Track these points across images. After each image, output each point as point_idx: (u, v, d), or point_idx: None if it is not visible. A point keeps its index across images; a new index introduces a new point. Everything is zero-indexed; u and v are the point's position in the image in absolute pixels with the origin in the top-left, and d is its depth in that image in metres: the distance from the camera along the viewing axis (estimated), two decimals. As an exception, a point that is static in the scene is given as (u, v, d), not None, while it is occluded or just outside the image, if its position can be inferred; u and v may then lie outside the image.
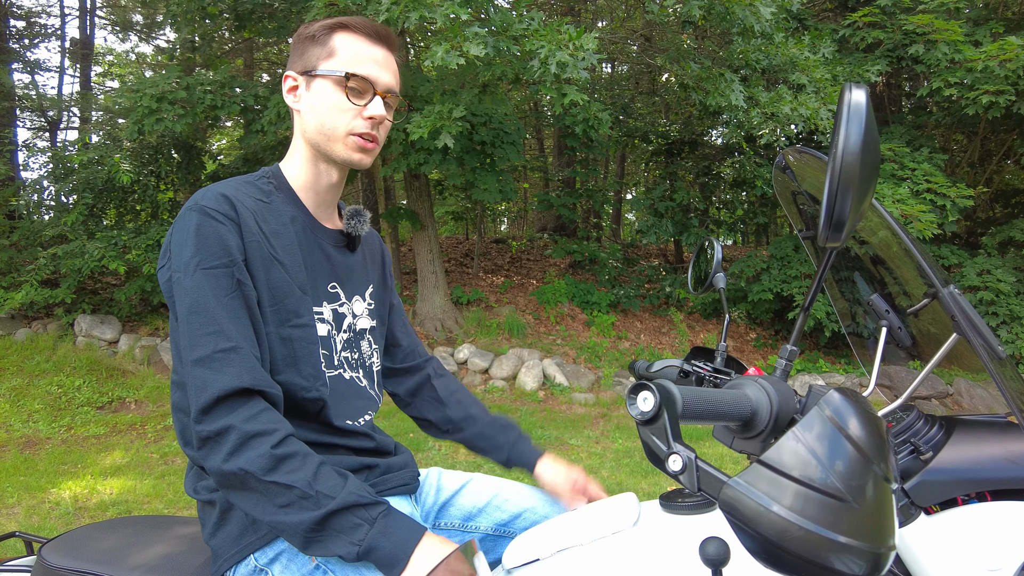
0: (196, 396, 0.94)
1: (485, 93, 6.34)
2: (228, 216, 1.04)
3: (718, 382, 1.11)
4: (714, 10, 5.89)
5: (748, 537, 0.61)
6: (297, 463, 0.93)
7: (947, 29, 6.93)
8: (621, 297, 8.88)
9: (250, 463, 0.91)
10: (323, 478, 0.94)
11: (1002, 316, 7.39)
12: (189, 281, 1.00)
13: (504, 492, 1.30)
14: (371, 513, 0.94)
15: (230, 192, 1.07)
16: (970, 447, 0.91)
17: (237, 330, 0.99)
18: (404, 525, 0.95)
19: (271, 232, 1.10)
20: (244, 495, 0.94)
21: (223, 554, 1.07)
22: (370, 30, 1.15)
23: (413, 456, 1.33)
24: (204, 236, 1.01)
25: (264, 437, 0.93)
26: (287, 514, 0.92)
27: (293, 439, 0.96)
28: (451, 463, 4.77)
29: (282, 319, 1.08)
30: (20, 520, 3.67)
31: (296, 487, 0.91)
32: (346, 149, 1.14)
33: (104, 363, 6.61)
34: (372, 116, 1.13)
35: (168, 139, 7.99)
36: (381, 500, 0.97)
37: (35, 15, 12.34)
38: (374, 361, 1.28)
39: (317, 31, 1.14)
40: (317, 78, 1.13)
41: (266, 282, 1.07)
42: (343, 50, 1.13)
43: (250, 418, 0.94)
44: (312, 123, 1.14)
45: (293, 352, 1.09)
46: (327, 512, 0.91)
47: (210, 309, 0.98)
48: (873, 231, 1.13)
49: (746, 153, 9.13)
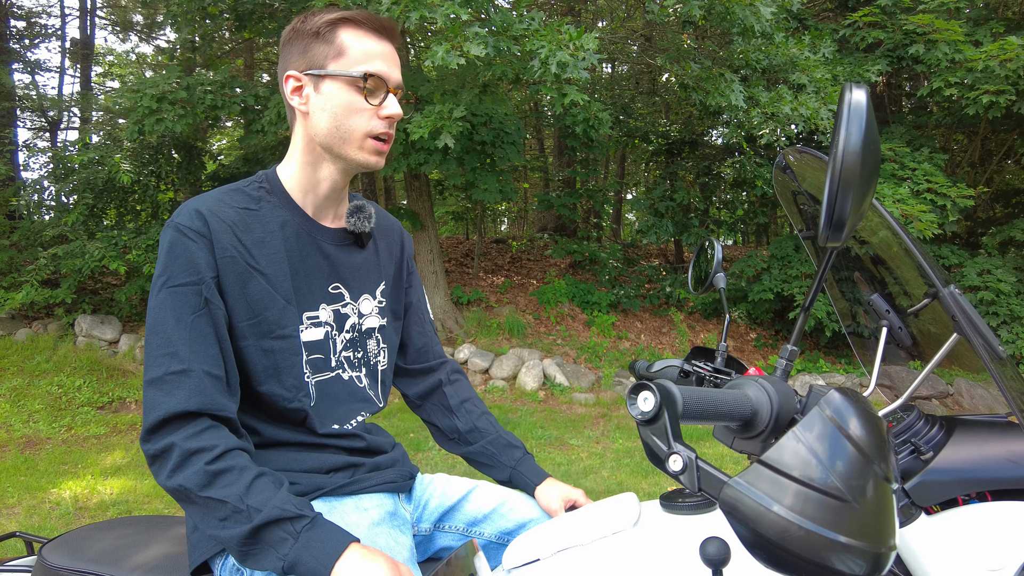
0: (145, 415, 0.97)
1: (485, 93, 6.34)
2: (199, 233, 1.04)
3: (718, 382, 1.11)
4: (714, 10, 5.89)
5: (748, 537, 0.61)
6: (232, 478, 0.94)
7: (947, 29, 6.92)
8: (621, 297, 8.88)
9: (187, 480, 0.94)
10: (255, 491, 0.94)
11: (1002, 316, 7.39)
12: (154, 299, 1.02)
13: (510, 502, 1.29)
14: (296, 527, 0.93)
15: (205, 207, 1.06)
16: (970, 447, 0.91)
17: (192, 351, 0.99)
18: (328, 537, 0.94)
19: (254, 242, 1.09)
20: (190, 508, 0.97)
21: (200, 546, 1.08)
22: (375, 24, 1.11)
23: (407, 455, 1.32)
24: (174, 254, 1.03)
25: (202, 454, 0.95)
26: (224, 528, 0.93)
27: (233, 453, 0.97)
28: (451, 463, 4.77)
29: (263, 332, 1.08)
30: (20, 520, 3.67)
31: (228, 502, 0.93)
32: (362, 152, 1.12)
33: (104, 363, 6.61)
34: (389, 115, 1.11)
35: (168, 139, 7.99)
36: (306, 513, 0.95)
37: (35, 15, 12.35)
38: (380, 360, 1.27)
39: (321, 27, 1.09)
40: (327, 79, 1.09)
41: (243, 296, 1.07)
42: (352, 48, 1.09)
43: (191, 436, 0.96)
44: (324, 126, 1.10)
45: (275, 363, 1.09)
46: (255, 526, 0.92)
47: (167, 329, 1.00)
48: (873, 231, 1.13)
49: (746, 153, 9.13)
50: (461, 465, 4.75)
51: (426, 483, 1.33)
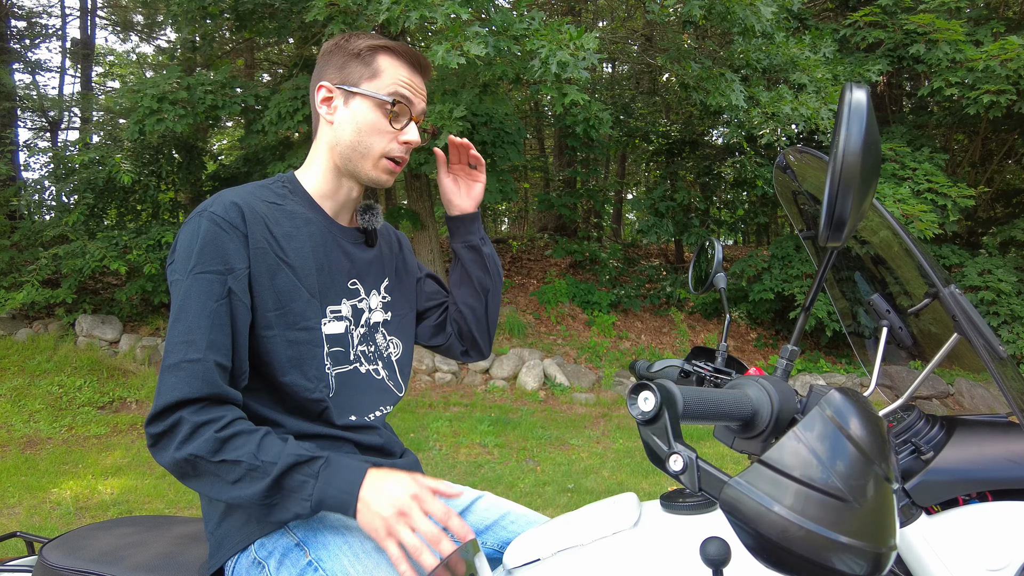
0: (156, 398, 1.01)
1: (486, 93, 6.35)
2: (234, 225, 1.07)
3: (719, 382, 1.11)
4: (715, 10, 5.89)
5: (749, 537, 0.61)
6: (242, 440, 0.98)
7: (948, 29, 6.92)
8: (622, 297, 8.88)
9: (199, 448, 0.97)
10: (266, 448, 0.98)
11: (1003, 316, 7.39)
12: (181, 286, 1.05)
13: (513, 514, 1.30)
14: (313, 468, 0.98)
15: (241, 199, 1.11)
16: (971, 447, 0.91)
17: (209, 340, 1.02)
18: (345, 469, 0.99)
19: (283, 234, 1.14)
20: (199, 479, 1.00)
21: (227, 543, 1.09)
22: (413, 58, 1.20)
23: (419, 462, 1.33)
24: (205, 243, 1.06)
25: (210, 424, 0.99)
26: (241, 488, 0.97)
27: (239, 421, 1.01)
28: (451, 463, 4.77)
29: (289, 323, 1.12)
30: (21, 520, 3.68)
31: (243, 461, 0.97)
32: (375, 170, 1.19)
33: (105, 363, 6.62)
34: (408, 141, 1.18)
35: (169, 139, 7.99)
36: (320, 454, 1.00)
37: (36, 15, 12.36)
38: (392, 352, 1.31)
39: (362, 49, 1.17)
40: (357, 96, 1.16)
41: (271, 287, 1.10)
42: (387, 73, 1.16)
43: (198, 411, 1.00)
44: (346, 139, 1.17)
45: (299, 354, 1.13)
46: (275, 477, 0.96)
47: (190, 317, 1.03)
48: (874, 231, 1.13)
49: (747, 153, 9.13)
50: (461, 466, 4.75)
51: None
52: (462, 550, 1.02)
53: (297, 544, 1.06)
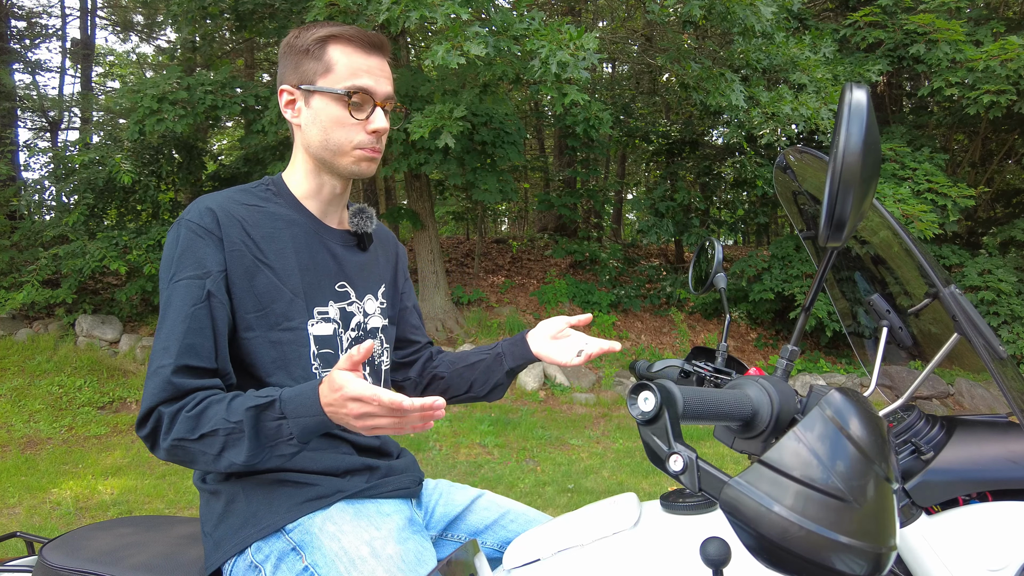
0: (143, 401, 1.04)
1: (486, 93, 6.35)
2: (208, 229, 1.08)
3: (719, 382, 1.11)
4: (715, 10, 5.89)
5: (749, 537, 0.61)
6: (212, 411, 1.00)
7: (948, 29, 6.92)
8: (622, 297, 8.88)
9: (179, 431, 1.00)
10: (234, 409, 0.99)
11: (1003, 316, 7.39)
12: (164, 295, 1.08)
13: (512, 513, 1.30)
14: (276, 410, 0.98)
15: (216, 204, 1.11)
16: (971, 447, 0.91)
17: (183, 346, 1.04)
18: (301, 396, 0.98)
19: (262, 236, 1.13)
20: (194, 461, 1.02)
21: (224, 545, 1.08)
22: (364, 40, 1.15)
23: (416, 460, 1.33)
24: (183, 250, 1.08)
25: (183, 410, 1.01)
26: (230, 455, 0.99)
27: (208, 395, 1.03)
28: (451, 463, 4.77)
29: (271, 323, 1.12)
30: (21, 520, 3.68)
31: (219, 429, 0.99)
32: (352, 164, 1.17)
33: (105, 363, 6.62)
34: (376, 130, 1.15)
35: (169, 139, 7.99)
36: (271, 394, 1.00)
37: (36, 15, 12.36)
38: (383, 360, 1.30)
39: (310, 44, 1.14)
40: (316, 94, 1.14)
41: (250, 289, 1.11)
42: (340, 64, 1.13)
43: (172, 404, 1.03)
44: (315, 139, 1.16)
45: (283, 355, 1.12)
46: (250, 434, 0.98)
47: (169, 324, 1.05)
48: (874, 231, 1.13)
49: (747, 153, 9.13)
50: (461, 466, 4.75)
51: (431, 489, 1.33)
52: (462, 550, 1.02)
53: (293, 549, 1.05)
